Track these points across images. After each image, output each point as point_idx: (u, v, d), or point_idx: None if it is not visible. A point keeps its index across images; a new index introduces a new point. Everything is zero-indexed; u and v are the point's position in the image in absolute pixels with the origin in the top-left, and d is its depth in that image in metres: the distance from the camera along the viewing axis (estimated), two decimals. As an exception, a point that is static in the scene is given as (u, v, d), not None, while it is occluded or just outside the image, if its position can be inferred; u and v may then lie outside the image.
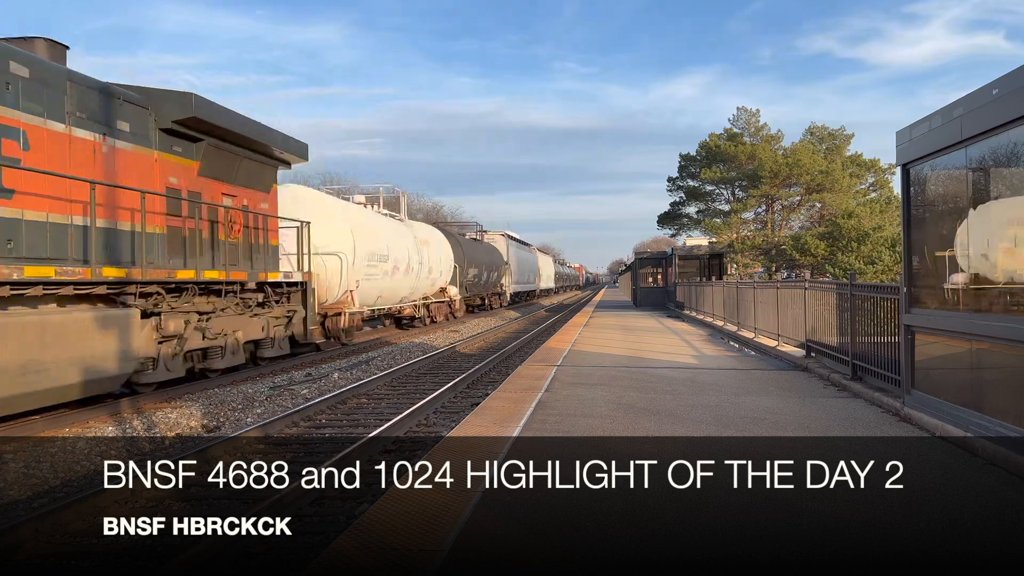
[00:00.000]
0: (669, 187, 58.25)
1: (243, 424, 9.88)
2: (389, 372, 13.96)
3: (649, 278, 36.88)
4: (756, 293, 15.74)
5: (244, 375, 13.82)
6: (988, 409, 5.53)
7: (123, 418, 9.81)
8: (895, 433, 6.44)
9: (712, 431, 6.56)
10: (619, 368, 11.14)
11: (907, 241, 7.12)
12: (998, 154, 5.53)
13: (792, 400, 8.21)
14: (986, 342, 5.57)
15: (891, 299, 7.77)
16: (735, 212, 53.56)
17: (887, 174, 54.31)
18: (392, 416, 9.95)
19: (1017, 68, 5.01)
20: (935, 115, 6.31)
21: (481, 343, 21.57)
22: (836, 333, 9.98)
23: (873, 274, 37.24)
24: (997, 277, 5.61)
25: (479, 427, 6.68)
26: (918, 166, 6.92)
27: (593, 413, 7.40)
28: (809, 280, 13.88)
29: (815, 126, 58.55)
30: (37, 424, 8.99)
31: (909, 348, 6.93)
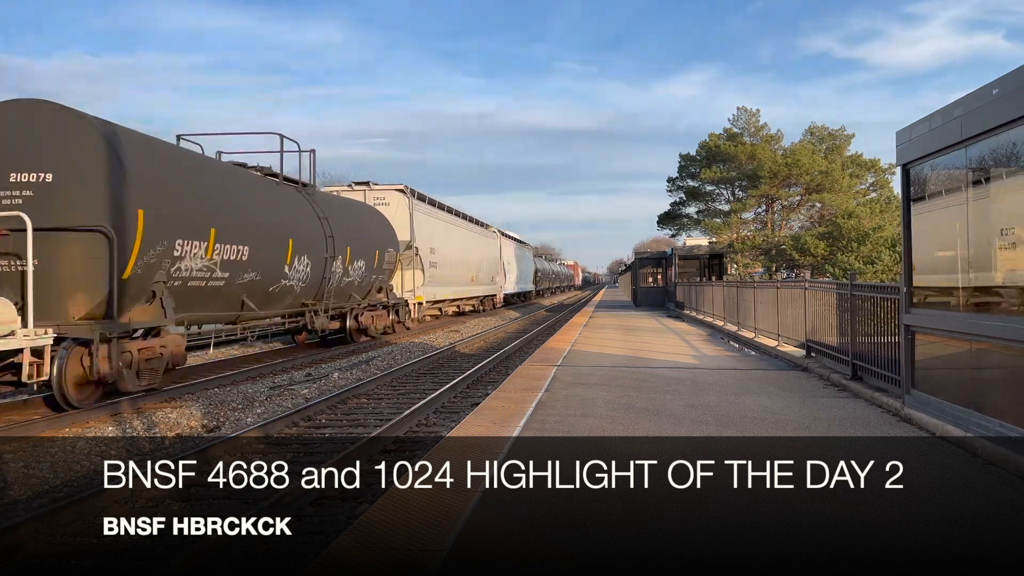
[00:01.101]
0: (669, 187, 58.27)
1: (243, 424, 9.88)
2: (389, 372, 13.96)
3: (649, 278, 36.87)
4: (756, 293, 15.74)
5: (244, 375, 13.83)
6: (988, 409, 5.53)
7: (123, 418, 9.81)
8: (895, 433, 6.44)
9: (712, 431, 6.56)
10: (619, 368, 11.14)
11: (907, 241, 7.12)
12: (998, 154, 5.53)
13: (792, 400, 8.21)
14: (986, 342, 5.57)
15: (891, 299, 7.77)
16: (735, 212, 53.56)
17: (887, 174, 54.32)
18: (392, 416, 9.95)
19: (1017, 68, 5.01)
20: (935, 115, 6.31)
21: (481, 343, 21.57)
22: (836, 333, 9.98)
23: (873, 274, 37.23)
24: (997, 277, 5.61)
25: (479, 427, 6.68)
26: (918, 166, 6.92)
27: (593, 413, 7.40)
28: (809, 280, 13.88)
29: (815, 126, 58.56)
30: (37, 424, 8.99)
31: (909, 348, 6.92)
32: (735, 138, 54.39)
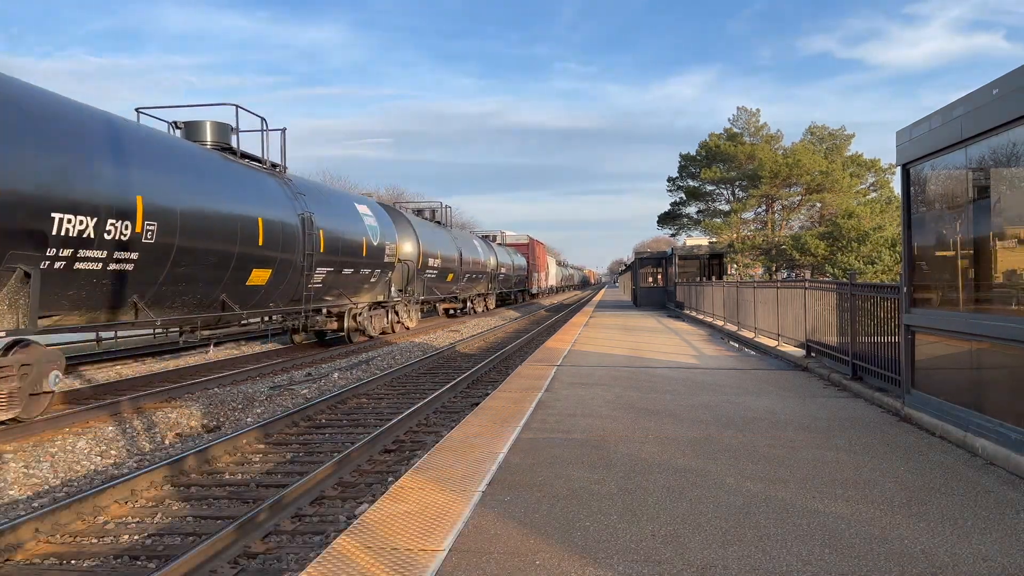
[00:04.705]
0: (669, 187, 58.32)
1: (243, 424, 9.88)
2: (389, 372, 13.97)
3: (649, 278, 36.89)
4: (756, 293, 15.74)
5: (244, 375, 13.83)
6: (988, 409, 5.53)
7: (123, 418, 9.81)
8: (895, 433, 6.44)
9: (712, 431, 6.56)
10: (619, 368, 11.14)
11: (907, 241, 7.12)
12: (998, 154, 5.53)
13: (792, 400, 8.21)
14: (986, 342, 5.57)
15: (891, 299, 7.77)
16: (735, 212, 53.60)
17: (887, 174, 54.40)
18: (392, 416, 9.96)
19: (1017, 68, 5.01)
20: (935, 115, 6.31)
21: (481, 343, 21.58)
22: (836, 333, 9.98)
23: (873, 274, 37.26)
24: (997, 277, 5.61)
25: (479, 427, 6.68)
26: (918, 166, 6.92)
27: (593, 413, 7.41)
28: (809, 280, 13.87)
29: (815, 126, 58.69)
30: (37, 424, 8.99)
31: (909, 348, 6.93)
32: (735, 138, 54.44)
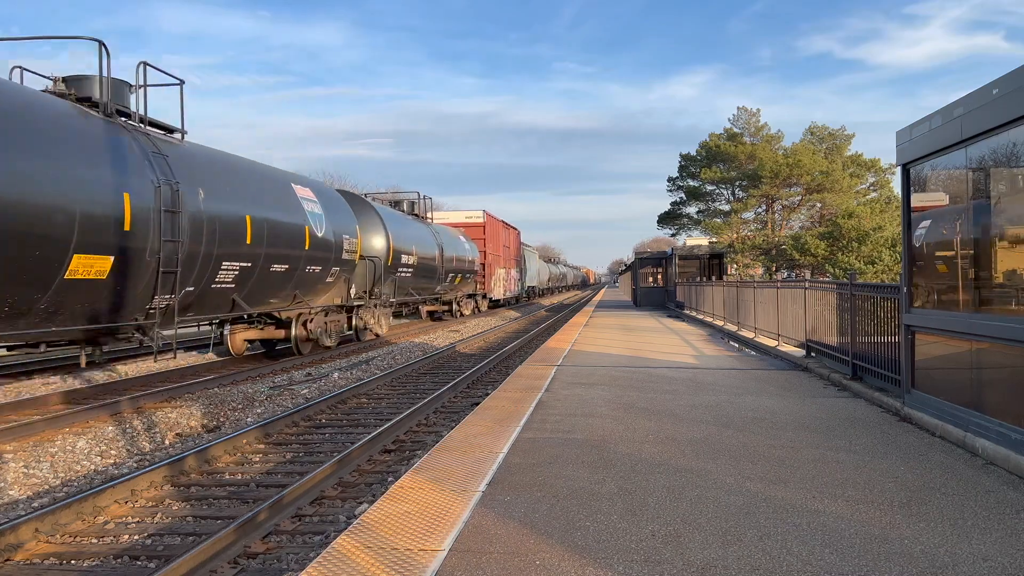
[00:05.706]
0: (669, 187, 58.33)
1: (243, 424, 9.88)
2: (389, 372, 13.97)
3: (649, 278, 36.90)
4: (756, 293, 15.74)
5: (244, 375, 13.83)
6: (988, 409, 5.53)
7: (123, 418, 9.80)
8: (895, 433, 6.44)
9: (712, 431, 6.56)
10: (619, 368, 11.14)
11: (907, 241, 7.12)
12: (998, 154, 5.53)
13: (792, 400, 8.21)
14: (986, 342, 5.57)
15: (891, 299, 7.77)
16: (735, 212, 53.60)
17: (887, 174, 54.40)
18: (392, 416, 9.95)
19: (1017, 68, 5.01)
20: (935, 115, 6.31)
21: (481, 343, 21.58)
22: (836, 333, 9.98)
23: (873, 274, 37.23)
24: (997, 277, 5.61)
25: (479, 427, 6.68)
26: (918, 166, 6.92)
27: (593, 413, 7.41)
28: (809, 280, 13.87)
29: (815, 126, 58.67)
30: (37, 424, 8.99)
31: (909, 348, 6.93)
32: (735, 138, 54.44)
